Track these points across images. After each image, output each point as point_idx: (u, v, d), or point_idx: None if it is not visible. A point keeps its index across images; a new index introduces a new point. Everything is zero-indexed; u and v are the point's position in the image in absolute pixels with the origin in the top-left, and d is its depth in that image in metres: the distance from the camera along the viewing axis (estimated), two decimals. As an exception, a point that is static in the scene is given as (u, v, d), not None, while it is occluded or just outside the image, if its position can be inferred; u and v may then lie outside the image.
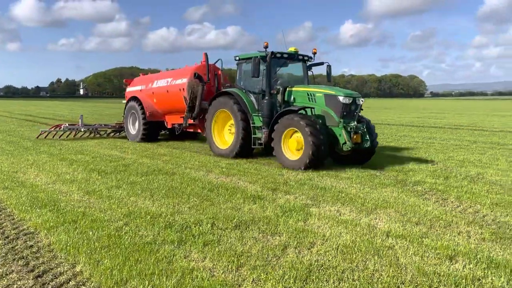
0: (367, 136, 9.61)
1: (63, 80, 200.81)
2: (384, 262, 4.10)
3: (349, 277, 3.78)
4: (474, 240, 4.84)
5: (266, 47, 10.48)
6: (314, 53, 11.60)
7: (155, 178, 8.16)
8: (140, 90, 15.54)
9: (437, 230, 5.19)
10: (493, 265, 4.03)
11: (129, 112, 15.58)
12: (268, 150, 10.47)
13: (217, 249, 4.41)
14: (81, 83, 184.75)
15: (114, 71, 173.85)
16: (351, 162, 9.98)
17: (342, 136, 9.30)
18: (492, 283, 3.66)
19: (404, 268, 3.96)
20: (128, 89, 16.50)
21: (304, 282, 3.67)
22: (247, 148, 10.91)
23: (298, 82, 11.38)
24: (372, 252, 4.34)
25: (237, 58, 11.66)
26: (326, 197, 6.81)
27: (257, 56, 10.36)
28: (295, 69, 11.85)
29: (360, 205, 6.33)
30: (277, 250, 4.42)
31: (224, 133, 11.81)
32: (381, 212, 5.97)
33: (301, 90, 10.38)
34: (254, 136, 10.70)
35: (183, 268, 3.94)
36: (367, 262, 4.09)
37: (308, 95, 10.15)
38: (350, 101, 9.57)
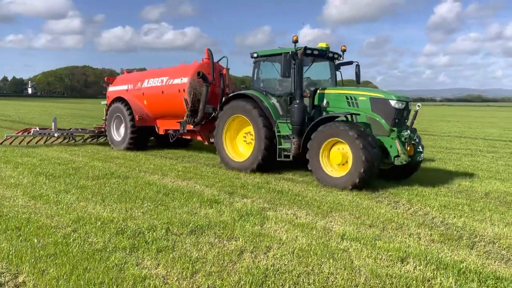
0: (419, 147, 8.36)
1: (9, 78, 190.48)
2: (339, 265, 4.14)
3: (304, 281, 3.78)
4: (424, 241, 5.00)
5: (296, 41, 8.78)
6: (344, 51, 10.01)
7: (107, 182, 7.86)
8: (127, 90, 13.37)
9: (389, 232, 5.32)
10: (442, 266, 4.17)
11: (113, 116, 13.36)
12: (298, 163, 9.21)
13: (171, 256, 4.28)
14: (29, 81, 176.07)
15: (65, 70, 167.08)
16: (390, 177, 8.65)
17: (395, 148, 7.89)
18: (441, 283, 3.78)
19: (358, 271, 4.01)
20: (111, 88, 14.27)
21: (260, 287, 3.63)
22: (271, 161, 9.27)
23: (324, 84, 9.84)
24: (327, 255, 4.37)
25: (255, 55, 9.95)
26: (283, 200, 6.83)
27: (289, 52, 8.67)
28: (320, 68, 10.13)
29: (316, 208, 6.39)
30: (233, 255, 4.35)
31: (237, 143, 10.10)
32: (336, 215, 6.06)
33: (337, 92, 8.86)
34: (280, 146, 9.06)
35: (134, 276, 3.78)
36: (323, 266, 4.12)
37: (347, 98, 8.60)
38: (403, 106, 8.23)
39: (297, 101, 8.71)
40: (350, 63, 10.08)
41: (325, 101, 8.93)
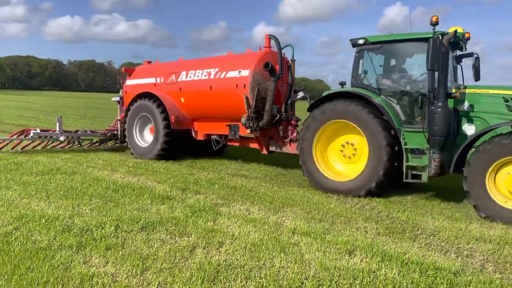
0: None
1: None
2: (290, 258, 4.23)
3: (256, 275, 3.83)
4: (371, 235, 5.21)
5: (436, 23, 6.58)
6: (468, 39, 7.57)
7: (52, 177, 7.52)
8: (154, 84, 10.76)
9: (338, 227, 5.49)
10: (386, 258, 4.36)
11: (136, 116, 10.76)
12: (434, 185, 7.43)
13: (120, 253, 4.18)
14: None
15: (7, 60, 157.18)
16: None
17: None
18: (385, 274, 3.96)
19: (308, 264, 4.12)
20: (130, 81, 11.58)
21: (212, 283, 3.63)
22: (392, 182, 7.26)
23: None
24: (278, 250, 4.44)
25: (361, 42, 7.61)
26: (236, 196, 6.86)
27: (438, 37, 6.44)
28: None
29: (269, 203, 6.47)
30: (185, 251, 4.32)
31: (328, 156, 7.79)
32: (288, 210, 6.17)
33: (490, 92, 6.69)
34: (407, 164, 6.88)
35: (82, 274, 3.66)
36: (274, 260, 4.19)
37: (506, 101, 6.47)
38: None
39: (440, 104, 6.53)
40: (470, 54, 7.89)
41: (466, 104, 6.78)
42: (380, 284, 3.72)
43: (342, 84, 7.98)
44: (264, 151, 9.33)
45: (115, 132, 11.97)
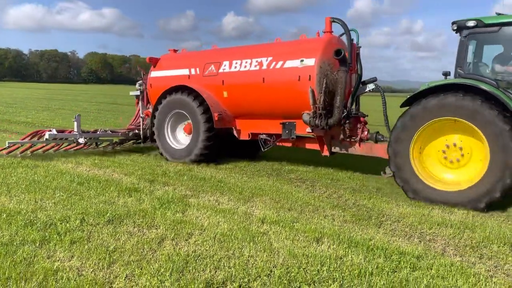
0: None
1: None
2: (259, 247, 4.26)
3: (225, 264, 3.84)
4: (338, 222, 5.32)
5: None
6: None
7: (13, 171, 7.24)
8: (189, 77, 9.21)
9: (306, 215, 5.57)
10: (353, 244, 4.46)
11: (168, 113, 9.25)
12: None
13: (86, 247, 4.09)
14: None
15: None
16: None
17: None
18: (352, 260, 4.05)
19: (276, 252, 4.16)
20: (156, 73, 9.92)
21: (181, 274, 3.61)
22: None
23: None
24: (248, 239, 4.47)
25: (471, 24, 6.38)
26: (205, 187, 6.83)
27: None
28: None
29: (238, 194, 6.48)
30: (153, 243, 4.27)
31: (424, 160, 6.63)
32: (257, 200, 6.20)
33: None
34: None
35: (45, 269, 3.56)
36: (243, 249, 4.21)
37: None
38: None
39: None
40: None
41: None
42: (346, 270, 3.80)
43: (446, 74, 6.80)
44: (326, 153, 8.14)
45: (137, 131, 10.47)
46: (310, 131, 7.82)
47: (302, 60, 7.69)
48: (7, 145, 8.41)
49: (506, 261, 4.22)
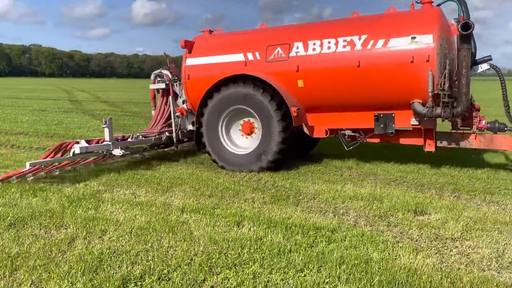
0: None
1: None
2: (179, 237, 4.16)
3: (143, 258, 3.69)
4: (258, 204, 5.39)
5: None
6: None
7: None
8: (245, 63, 7.42)
9: (227, 200, 5.57)
10: (272, 224, 4.55)
11: (224, 110, 7.42)
12: None
13: (-17, 256, 3.68)
14: None
15: None
16: None
17: None
18: (271, 240, 4.13)
19: (197, 240, 4.10)
20: (193, 60, 7.94)
21: (94, 273, 3.40)
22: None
23: None
24: (167, 230, 4.34)
25: None
26: (120, 181, 6.51)
27: None
28: None
29: (156, 185, 6.28)
30: (62, 244, 3.97)
31: None
32: (176, 189, 6.06)
33: None
34: None
35: None
36: (162, 241, 4.08)
37: None
38: None
39: None
40: None
41: None
42: (266, 250, 3.86)
43: None
44: (430, 148, 6.91)
45: (170, 133, 8.56)
46: (416, 123, 6.62)
47: (413, 37, 6.32)
48: (28, 168, 6.28)
49: (410, 227, 4.58)
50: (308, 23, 7.94)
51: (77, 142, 7.01)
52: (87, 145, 6.99)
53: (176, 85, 8.66)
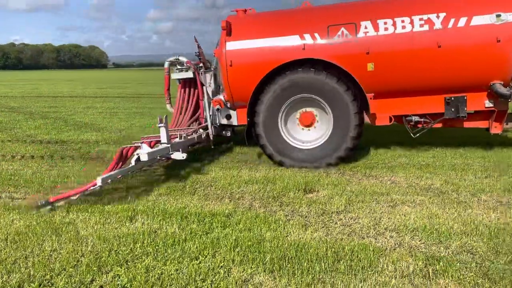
0: None
1: None
2: (64, 239, 3.87)
3: (21, 266, 3.36)
4: (152, 197, 5.23)
5: None
6: None
7: None
8: (303, 47, 6.49)
9: (119, 195, 5.30)
10: (167, 216, 4.46)
11: (285, 100, 6.59)
12: None
13: None
14: None
15: None
16: None
17: None
18: (166, 231, 4.05)
19: (84, 240, 3.84)
20: (237, 43, 6.81)
21: (-40, 290, 3.00)
22: None
23: None
24: (49, 233, 4.00)
25: None
26: (-6, 183, 5.82)
27: None
28: None
29: (38, 185, 5.75)
30: None
31: None
32: (62, 188, 5.60)
33: None
34: None
35: None
36: (44, 244, 3.75)
37: None
38: None
39: None
40: None
41: None
42: (160, 242, 3.78)
43: None
44: (497, 130, 6.61)
45: (205, 126, 7.56)
46: (491, 105, 6.38)
47: (498, 15, 6.02)
48: (100, 183, 4.99)
49: (300, 205, 4.83)
50: (368, 1, 7.12)
51: (139, 147, 5.69)
52: (151, 149, 5.70)
53: (201, 73, 7.64)
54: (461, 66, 6.23)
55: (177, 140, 6.47)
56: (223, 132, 7.77)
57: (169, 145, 6.00)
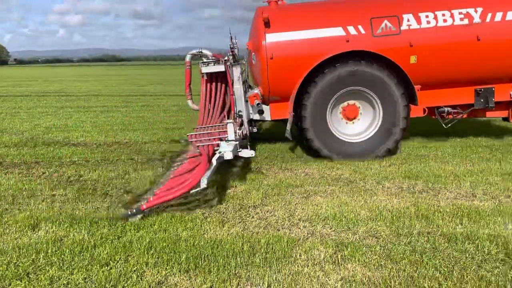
0: None
1: None
2: (-49, 256, 3.44)
3: None
4: (58, 203, 4.87)
5: None
6: None
7: None
8: (347, 40, 6.45)
9: (20, 202, 4.87)
10: (75, 222, 4.18)
11: (332, 94, 6.52)
12: None
13: None
14: None
15: None
16: None
17: None
18: (73, 238, 3.79)
19: (-23, 255, 3.46)
20: (277, 36, 6.55)
21: None
22: None
23: None
24: None
25: None
26: None
27: None
28: None
29: None
30: None
31: None
32: (-50, 199, 4.99)
33: None
34: None
35: None
36: None
37: None
38: None
39: None
40: None
41: None
42: (67, 250, 3.53)
43: None
44: None
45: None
46: None
47: None
48: (205, 184, 4.33)
49: (221, 200, 4.82)
50: None
51: (222, 138, 5.58)
52: (231, 148, 5.30)
53: (229, 66, 7.01)
54: (496, 58, 6.60)
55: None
56: (250, 127, 7.36)
57: (237, 142, 5.64)
